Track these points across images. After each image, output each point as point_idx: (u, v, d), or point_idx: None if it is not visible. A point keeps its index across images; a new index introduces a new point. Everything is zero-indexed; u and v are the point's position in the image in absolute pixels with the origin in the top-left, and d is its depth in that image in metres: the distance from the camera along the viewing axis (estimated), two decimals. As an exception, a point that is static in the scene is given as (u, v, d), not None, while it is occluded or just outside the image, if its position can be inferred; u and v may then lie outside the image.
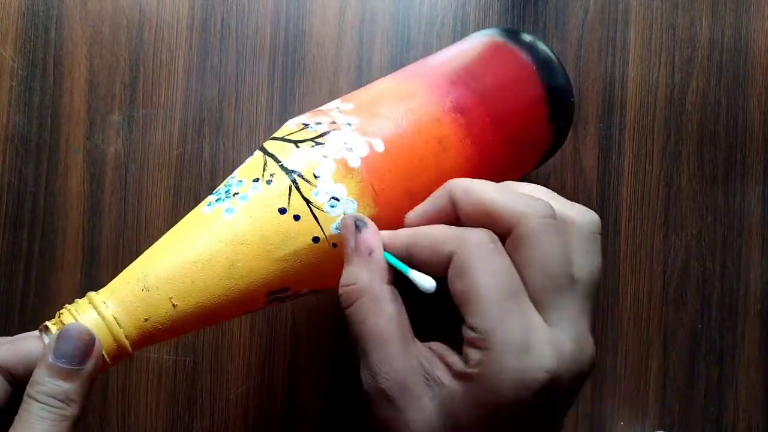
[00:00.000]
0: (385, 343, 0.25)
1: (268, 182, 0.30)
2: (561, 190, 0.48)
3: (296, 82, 0.48)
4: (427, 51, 0.48)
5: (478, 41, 0.38)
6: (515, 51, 0.36)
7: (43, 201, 0.47)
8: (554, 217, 0.26)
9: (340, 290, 0.27)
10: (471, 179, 0.27)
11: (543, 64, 0.36)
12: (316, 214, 0.29)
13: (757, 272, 0.49)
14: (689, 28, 0.49)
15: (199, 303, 0.29)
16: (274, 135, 0.33)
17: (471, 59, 0.36)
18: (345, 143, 0.30)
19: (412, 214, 0.29)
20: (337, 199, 0.30)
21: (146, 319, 0.28)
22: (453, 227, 0.26)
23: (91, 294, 0.28)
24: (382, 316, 0.25)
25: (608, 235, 0.48)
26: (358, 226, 0.27)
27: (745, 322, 0.48)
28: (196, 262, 0.28)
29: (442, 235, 0.25)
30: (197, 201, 0.47)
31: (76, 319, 0.27)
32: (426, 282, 0.25)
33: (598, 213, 0.48)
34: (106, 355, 0.27)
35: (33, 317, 0.47)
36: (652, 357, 0.48)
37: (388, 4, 0.48)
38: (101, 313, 0.27)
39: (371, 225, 0.28)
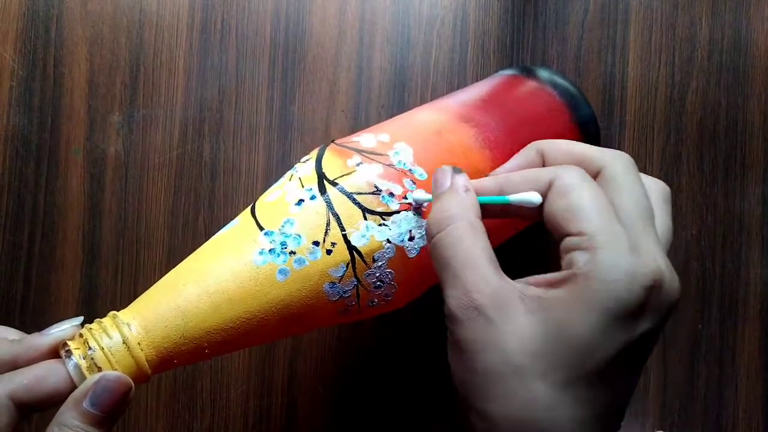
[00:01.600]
0: (480, 263, 0.24)
1: (328, 252, 0.29)
2: (561, 190, 0.48)
3: (296, 82, 0.48)
4: (427, 51, 0.48)
5: (524, 89, 0.40)
6: (546, 89, 0.40)
7: (43, 201, 0.47)
8: (636, 167, 0.26)
9: (431, 218, 0.26)
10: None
11: (569, 99, 0.40)
12: (360, 293, 0.30)
13: (757, 272, 0.49)
14: (689, 28, 0.49)
15: (225, 348, 0.29)
16: (340, 178, 0.31)
17: (520, 114, 0.38)
18: (410, 231, 0.31)
19: (501, 168, 0.29)
20: (383, 283, 0.31)
21: (175, 361, 0.28)
22: (546, 167, 0.27)
23: (119, 319, 0.28)
24: (477, 241, 0.25)
25: (608, 235, 0.48)
26: (455, 171, 0.28)
27: (745, 322, 0.48)
28: (238, 323, 0.29)
29: (537, 171, 0.26)
30: (197, 201, 0.47)
31: (100, 346, 0.27)
32: (533, 196, 0.25)
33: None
34: None
35: (33, 317, 0.47)
36: (652, 357, 0.48)
37: (388, 4, 0.48)
38: (132, 350, 0.27)
39: (465, 174, 0.28)
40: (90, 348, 0.27)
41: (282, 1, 0.48)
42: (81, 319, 0.28)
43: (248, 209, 0.32)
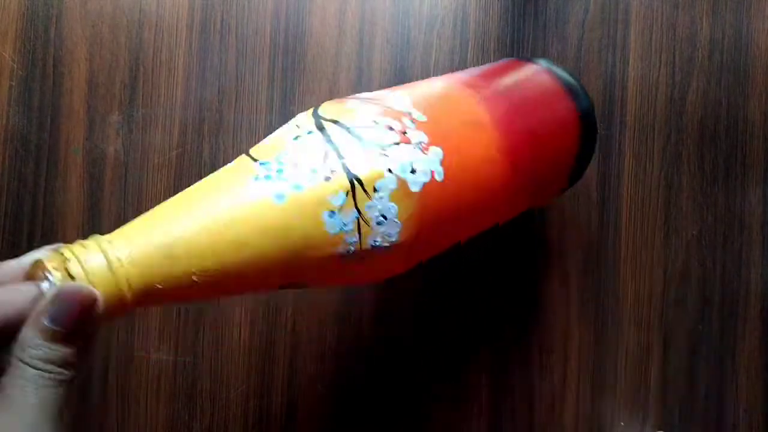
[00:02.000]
0: None
1: (327, 179, 0.28)
2: (561, 190, 0.48)
3: (296, 82, 0.48)
4: (427, 51, 0.48)
5: (530, 71, 0.40)
6: (555, 82, 0.40)
7: (43, 201, 0.47)
8: None
9: None
10: None
11: (569, 86, 0.40)
12: (361, 228, 0.29)
13: (757, 272, 0.49)
14: (689, 27, 0.49)
15: (219, 282, 0.27)
16: (338, 116, 0.31)
17: (523, 91, 0.38)
18: (411, 163, 0.30)
19: None
20: (385, 218, 0.29)
21: (160, 286, 0.26)
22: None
23: (103, 242, 0.26)
24: None
25: (608, 235, 0.48)
26: None
27: (745, 323, 0.48)
28: (232, 247, 0.27)
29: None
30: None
31: (78, 258, 0.24)
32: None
33: (598, 213, 0.48)
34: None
35: (33, 317, 0.47)
36: (652, 357, 0.48)
37: (388, 4, 0.48)
38: (115, 272, 0.24)
39: None
40: (66, 259, 0.24)
41: (282, 1, 0.48)
42: (60, 245, 0.26)
43: (241, 155, 0.31)
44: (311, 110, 0.32)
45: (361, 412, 0.47)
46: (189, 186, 0.31)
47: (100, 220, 0.47)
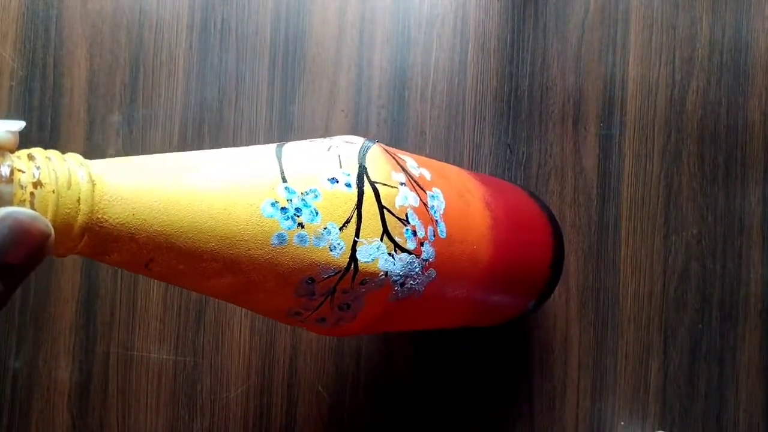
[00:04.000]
0: None
1: (332, 248, 0.27)
2: (561, 190, 0.48)
3: (296, 82, 0.48)
4: (428, 51, 0.48)
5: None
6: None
7: (43, 201, 0.47)
8: None
9: None
10: None
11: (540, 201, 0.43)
12: (323, 307, 0.28)
13: (757, 272, 0.49)
14: (689, 27, 0.49)
15: (170, 274, 0.25)
16: (381, 185, 0.29)
17: (519, 213, 0.40)
18: (406, 277, 0.29)
19: None
20: (349, 310, 0.29)
21: (114, 242, 0.22)
22: None
23: (93, 164, 0.22)
24: None
25: (608, 235, 0.48)
26: None
27: (745, 322, 0.48)
28: (204, 256, 0.24)
29: None
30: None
31: (57, 191, 0.21)
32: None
33: (597, 213, 0.48)
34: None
35: (33, 317, 0.47)
36: (652, 357, 0.48)
37: (388, 4, 0.48)
38: (72, 178, 0.21)
39: None
40: (36, 168, 0.21)
41: (282, 1, 0.48)
42: (22, 123, 0.22)
43: (272, 147, 0.28)
44: (360, 146, 0.30)
45: (361, 412, 0.47)
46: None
47: (100, 220, 0.47)
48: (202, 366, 0.46)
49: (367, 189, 0.28)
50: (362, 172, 0.28)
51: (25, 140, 0.21)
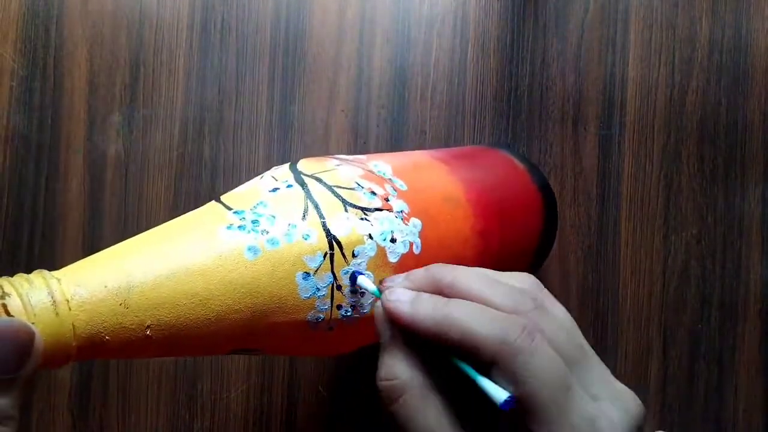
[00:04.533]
0: None
1: (305, 237, 0.26)
2: (561, 190, 0.48)
3: (296, 82, 0.48)
4: (427, 50, 0.48)
5: (498, 160, 0.42)
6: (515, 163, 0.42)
7: (43, 201, 0.47)
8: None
9: (380, 385, 0.25)
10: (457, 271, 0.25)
11: (533, 169, 0.42)
12: (335, 295, 0.27)
13: (757, 272, 0.49)
14: (689, 28, 0.49)
15: (173, 339, 0.24)
16: (319, 173, 0.29)
17: (497, 180, 0.39)
18: (392, 232, 0.29)
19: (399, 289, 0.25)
20: (360, 288, 0.27)
21: (108, 338, 0.22)
22: (487, 313, 0.23)
23: (51, 279, 0.22)
24: (430, 410, 0.24)
25: (608, 235, 0.48)
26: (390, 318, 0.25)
27: (745, 322, 0.48)
28: (194, 301, 0.24)
29: (478, 332, 0.23)
30: (197, 201, 0.47)
31: (18, 292, 0.21)
32: (502, 395, 0.22)
33: (597, 213, 0.48)
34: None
35: (33, 317, 0.47)
36: (652, 357, 0.48)
37: (388, 4, 0.48)
38: (60, 314, 0.21)
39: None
40: (5, 294, 0.21)
41: (282, 1, 0.48)
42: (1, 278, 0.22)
43: (210, 201, 0.28)
44: (288, 165, 0.30)
45: (360, 412, 0.47)
46: (188, 187, 0.29)
47: (100, 221, 0.47)
48: (202, 366, 0.46)
49: (309, 180, 0.29)
50: (297, 174, 0.29)
51: (25, 140, 0.21)
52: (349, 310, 0.28)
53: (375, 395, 0.26)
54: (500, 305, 0.24)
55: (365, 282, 0.26)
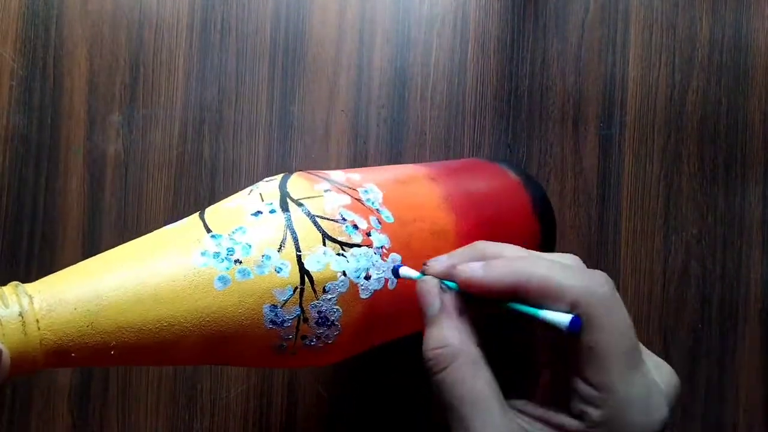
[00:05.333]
0: (487, 406, 0.23)
1: (278, 270, 0.27)
2: (561, 190, 0.48)
3: (296, 82, 0.48)
4: (427, 50, 0.48)
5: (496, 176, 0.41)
6: (502, 168, 0.42)
7: (43, 201, 0.47)
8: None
9: (429, 354, 0.25)
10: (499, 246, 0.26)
11: (523, 177, 0.42)
12: (300, 327, 0.27)
13: (757, 272, 0.49)
14: (689, 27, 0.49)
15: (135, 356, 0.25)
16: (305, 199, 0.29)
17: (493, 205, 0.38)
18: (367, 269, 0.29)
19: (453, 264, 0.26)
20: (327, 320, 0.28)
21: (72, 355, 0.24)
22: (569, 268, 0.24)
23: (23, 295, 0.23)
24: (480, 378, 0.24)
25: (608, 235, 0.48)
26: (443, 288, 0.26)
27: (745, 322, 0.48)
28: (158, 326, 0.25)
29: (560, 280, 0.24)
30: (197, 201, 0.47)
31: None
32: (567, 320, 0.22)
33: (597, 213, 0.48)
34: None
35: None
36: (653, 357, 0.48)
37: (388, 4, 0.48)
38: (29, 334, 0.23)
39: (455, 288, 0.26)
40: None
41: (282, 1, 0.48)
42: None
43: (196, 213, 0.29)
44: (280, 179, 0.31)
45: (360, 412, 0.47)
46: (188, 187, 0.29)
47: (100, 220, 0.47)
48: (202, 366, 0.46)
49: (293, 207, 0.29)
50: (284, 195, 0.29)
51: (25, 140, 0.21)
52: (314, 340, 0.28)
53: (374, 395, 0.26)
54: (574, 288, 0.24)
55: (408, 272, 0.27)
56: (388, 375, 0.47)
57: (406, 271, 0.27)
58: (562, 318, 0.22)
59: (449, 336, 0.25)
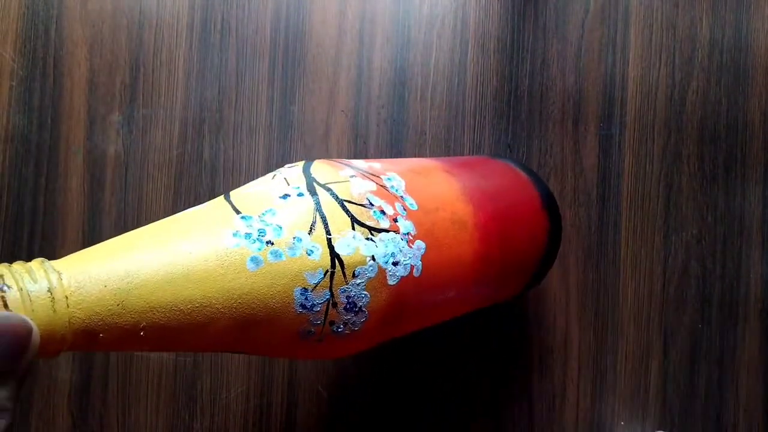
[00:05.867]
0: None
1: (309, 252, 0.27)
2: (561, 190, 0.48)
3: (296, 82, 0.48)
4: (427, 51, 0.48)
5: (506, 171, 0.41)
6: (511, 166, 0.42)
7: (43, 201, 0.47)
8: None
9: None
10: None
11: (531, 175, 0.42)
12: (329, 312, 0.27)
13: (757, 272, 0.49)
14: (689, 27, 0.49)
15: (165, 339, 0.25)
16: (332, 184, 0.29)
17: (507, 200, 0.38)
18: (394, 255, 0.29)
19: None
20: (355, 306, 0.28)
21: (101, 335, 0.23)
22: None
23: (51, 271, 0.22)
24: None
25: (608, 235, 0.48)
26: None
27: (745, 322, 0.48)
28: (190, 306, 0.24)
29: None
30: (197, 201, 0.47)
31: (19, 286, 0.21)
32: None
33: (597, 213, 0.48)
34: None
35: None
36: (652, 357, 0.48)
37: (388, 4, 0.48)
38: (58, 311, 0.22)
39: None
40: (5, 286, 0.21)
41: (282, 1, 0.48)
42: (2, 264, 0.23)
43: (220, 197, 0.29)
44: (302, 165, 0.31)
45: (360, 411, 0.47)
46: (188, 187, 0.29)
47: (100, 220, 0.47)
48: (202, 366, 0.46)
49: (320, 191, 0.28)
50: (310, 180, 0.29)
51: (25, 140, 0.21)
52: (341, 326, 0.28)
53: (374, 395, 0.26)
54: None
55: None
56: (388, 375, 0.47)
57: None
58: None
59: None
